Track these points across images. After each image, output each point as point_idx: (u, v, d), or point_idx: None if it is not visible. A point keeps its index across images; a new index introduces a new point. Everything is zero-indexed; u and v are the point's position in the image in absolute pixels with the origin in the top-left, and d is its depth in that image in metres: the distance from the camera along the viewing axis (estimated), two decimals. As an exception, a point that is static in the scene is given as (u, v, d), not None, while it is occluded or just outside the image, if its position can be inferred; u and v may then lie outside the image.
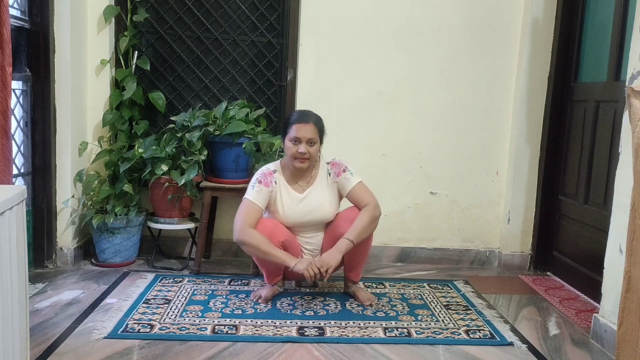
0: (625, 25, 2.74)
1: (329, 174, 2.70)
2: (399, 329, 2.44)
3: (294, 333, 2.34)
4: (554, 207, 3.34)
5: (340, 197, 2.74)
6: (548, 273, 3.39)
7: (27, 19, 2.82)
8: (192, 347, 2.18)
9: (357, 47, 3.30)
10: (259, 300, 2.66)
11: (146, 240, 3.30)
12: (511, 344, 2.35)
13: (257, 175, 2.64)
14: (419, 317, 2.58)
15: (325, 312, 2.59)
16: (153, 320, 2.41)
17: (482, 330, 2.47)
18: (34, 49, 2.85)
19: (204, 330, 2.33)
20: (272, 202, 2.64)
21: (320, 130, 2.62)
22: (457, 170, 3.44)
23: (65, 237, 3.07)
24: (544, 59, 3.29)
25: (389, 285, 3.02)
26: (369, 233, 2.61)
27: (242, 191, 3.05)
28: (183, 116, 3.13)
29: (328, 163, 2.73)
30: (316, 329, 2.39)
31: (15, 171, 2.71)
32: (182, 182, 2.96)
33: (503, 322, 2.57)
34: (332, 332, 2.38)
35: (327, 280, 2.66)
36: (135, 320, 2.40)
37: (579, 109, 3.12)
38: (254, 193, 2.58)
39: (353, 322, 2.49)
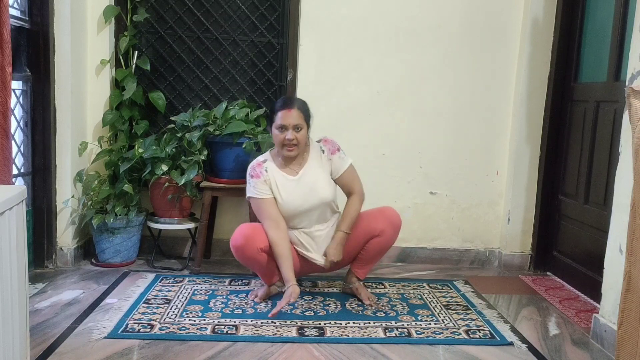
0: (625, 25, 2.74)
1: (323, 151, 2.65)
2: (399, 329, 2.44)
3: (294, 333, 2.34)
4: (554, 207, 3.34)
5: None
6: (548, 273, 3.39)
7: (27, 19, 2.82)
8: (192, 347, 2.18)
9: (357, 47, 3.30)
10: (255, 299, 2.67)
11: (146, 240, 3.30)
12: (511, 344, 2.35)
13: (248, 171, 2.62)
14: (419, 317, 2.58)
15: (325, 312, 2.59)
16: (153, 320, 2.41)
17: (482, 330, 2.47)
18: (34, 49, 2.85)
19: (204, 330, 2.33)
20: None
21: (306, 114, 2.58)
22: (457, 170, 3.44)
23: (65, 237, 3.06)
24: (544, 59, 3.29)
25: (389, 285, 3.02)
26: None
27: (243, 191, 3.05)
28: (183, 116, 3.13)
29: (319, 141, 2.68)
30: (316, 329, 2.39)
31: (15, 171, 2.71)
32: (182, 182, 2.96)
33: (503, 322, 2.57)
34: (332, 332, 2.38)
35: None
36: (135, 320, 2.40)
37: (579, 109, 3.12)
38: (252, 189, 2.59)
39: (353, 322, 2.49)
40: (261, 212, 2.57)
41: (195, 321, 2.42)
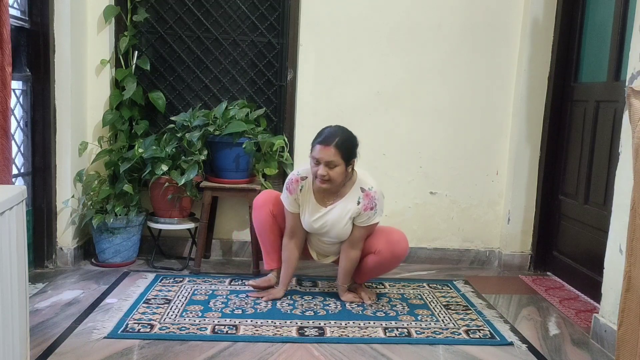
0: (625, 25, 2.74)
1: (359, 202, 2.57)
2: (399, 329, 2.44)
3: (294, 333, 2.34)
4: (554, 207, 3.34)
5: None
6: (548, 273, 3.39)
7: (27, 19, 2.82)
8: (192, 347, 2.18)
9: (356, 47, 3.30)
10: (252, 284, 2.79)
11: (146, 240, 3.30)
12: (511, 343, 2.35)
13: (289, 178, 2.66)
14: (419, 317, 2.59)
15: (325, 312, 2.59)
16: (153, 320, 2.41)
17: (482, 330, 2.47)
18: (34, 49, 2.85)
19: (204, 330, 2.33)
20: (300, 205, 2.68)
21: (345, 153, 2.48)
22: (457, 170, 3.44)
23: (65, 237, 3.06)
24: (544, 59, 3.29)
25: (389, 285, 3.02)
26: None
27: (243, 191, 3.07)
28: (183, 116, 3.13)
29: (363, 190, 2.58)
30: (316, 329, 2.39)
31: (15, 171, 2.71)
32: (182, 182, 2.96)
33: (503, 322, 2.58)
34: (332, 332, 2.38)
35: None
36: (135, 320, 2.40)
37: (579, 109, 3.12)
38: (284, 197, 2.67)
39: (353, 322, 2.49)
40: (286, 219, 2.71)
41: (195, 321, 2.42)
